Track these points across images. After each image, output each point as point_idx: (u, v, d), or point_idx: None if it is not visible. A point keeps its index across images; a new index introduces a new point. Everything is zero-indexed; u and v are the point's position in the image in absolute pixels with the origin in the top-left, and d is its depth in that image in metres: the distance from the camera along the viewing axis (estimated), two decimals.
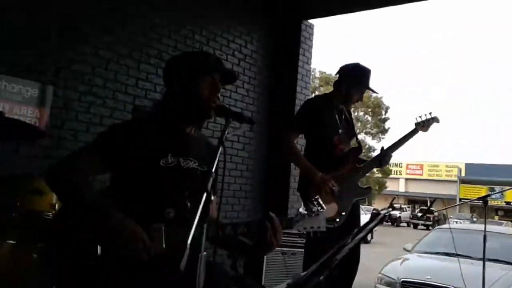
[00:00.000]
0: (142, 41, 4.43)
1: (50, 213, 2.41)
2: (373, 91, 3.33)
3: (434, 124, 3.42)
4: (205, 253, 1.20)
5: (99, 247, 1.51)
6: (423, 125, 3.34)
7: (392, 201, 3.13)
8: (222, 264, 1.81)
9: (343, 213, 2.98)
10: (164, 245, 1.53)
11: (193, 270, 1.18)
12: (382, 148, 3.26)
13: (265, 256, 4.56)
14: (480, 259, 4.17)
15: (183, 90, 1.73)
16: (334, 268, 1.42)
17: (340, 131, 3.17)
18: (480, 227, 4.23)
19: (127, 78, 4.30)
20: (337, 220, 2.94)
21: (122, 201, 1.59)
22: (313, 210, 1.78)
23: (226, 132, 1.48)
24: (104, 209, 1.52)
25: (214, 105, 1.70)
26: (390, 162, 3.32)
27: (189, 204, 1.63)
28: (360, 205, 3.38)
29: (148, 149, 1.65)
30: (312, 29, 6.30)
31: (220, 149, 1.41)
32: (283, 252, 4.67)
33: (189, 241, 1.11)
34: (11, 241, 2.54)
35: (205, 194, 1.22)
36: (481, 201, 4.04)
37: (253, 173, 5.79)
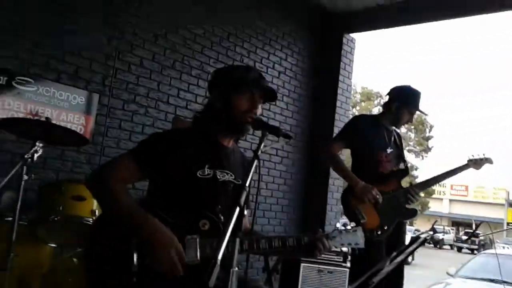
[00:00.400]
0: (185, 52, 4.51)
1: (91, 219, 2.46)
2: (423, 113, 3.36)
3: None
4: (236, 268, 1.17)
5: (135, 254, 1.51)
6: (475, 162, 3.37)
7: (434, 224, 3.07)
8: (257, 280, 1.79)
9: (385, 227, 2.96)
10: (198, 257, 1.52)
11: (225, 285, 1.15)
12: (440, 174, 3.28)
13: (300, 273, 4.47)
14: None
15: (222, 103, 1.74)
16: None
17: (389, 150, 3.21)
18: None
19: (169, 88, 4.38)
20: (379, 233, 2.93)
21: (159, 209, 1.59)
22: (350, 226, 1.73)
23: (262, 146, 1.45)
24: (141, 216, 1.52)
25: (251, 119, 1.69)
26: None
27: (222, 217, 1.62)
28: None
29: (186, 159, 1.66)
30: (354, 43, 6.24)
31: (255, 162, 1.38)
32: (319, 270, 4.56)
33: (219, 257, 1.09)
34: (53, 245, 2.62)
35: (237, 209, 1.20)
36: None
37: (290, 187, 5.74)
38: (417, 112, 3.34)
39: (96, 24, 3.82)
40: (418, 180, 3.52)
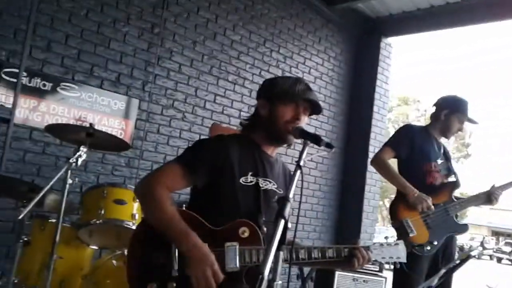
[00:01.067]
0: (222, 58, 4.56)
1: (131, 222, 2.51)
2: (473, 122, 3.24)
3: None
4: (280, 282, 1.16)
5: (176, 261, 1.53)
6: None
7: (483, 240, 2.94)
8: None
9: (435, 243, 2.87)
10: (237, 265, 1.52)
11: None
12: (493, 186, 3.14)
13: (335, 282, 4.42)
14: None
15: (267, 112, 1.76)
16: None
17: (439, 161, 3.13)
18: None
19: (206, 94, 4.44)
20: (428, 248, 2.83)
21: (200, 215, 1.61)
22: (393, 240, 1.69)
23: (304, 155, 1.44)
24: (181, 230, 1.54)
25: (292, 128, 1.68)
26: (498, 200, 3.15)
27: (265, 228, 1.63)
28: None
29: (231, 166, 1.68)
30: (391, 47, 6.14)
31: (298, 173, 1.37)
32: (354, 279, 4.49)
33: (266, 272, 1.09)
34: (94, 247, 2.69)
35: (282, 221, 1.19)
36: None
37: (325, 193, 5.68)
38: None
39: (137, 32, 3.92)
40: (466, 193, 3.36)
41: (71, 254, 2.59)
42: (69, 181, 2.28)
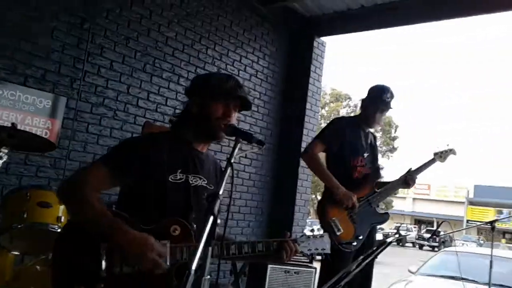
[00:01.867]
0: (156, 54, 4.48)
1: (56, 226, 2.42)
2: (390, 108, 3.30)
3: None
4: (208, 276, 1.19)
5: (104, 260, 1.51)
6: (440, 155, 3.39)
7: (399, 227, 3.13)
8: (226, 285, 1.83)
9: (360, 237, 2.99)
10: (168, 262, 1.54)
11: None
12: (409, 170, 3.29)
13: (267, 275, 4.52)
14: (485, 283, 4.12)
15: (198, 109, 1.76)
16: None
17: (365, 155, 3.22)
18: (487, 251, 4.16)
19: (139, 91, 4.34)
20: (354, 244, 2.95)
21: (130, 215, 1.60)
22: (318, 232, 1.78)
23: (235, 153, 1.48)
24: (114, 223, 1.52)
25: (224, 126, 1.71)
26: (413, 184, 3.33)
27: (194, 225, 1.64)
28: None
29: (158, 164, 1.67)
30: (324, 46, 6.34)
31: (229, 170, 1.41)
32: (286, 271, 4.63)
33: (193, 267, 1.11)
34: (16, 252, 2.57)
35: (211, 218, 1.22)
36: (488, 225, 3.98)
37: (259, 189, 5.79)
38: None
39: (66, 27, 3.75)
40: (384, 180, 3.52)
41: None
42: None
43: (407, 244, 31.47)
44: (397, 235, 3.12)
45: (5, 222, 2.42)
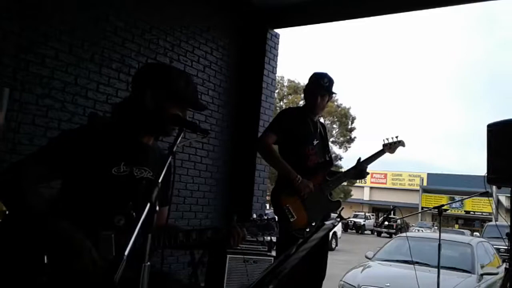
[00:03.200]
0: (104, 44, 4.36)
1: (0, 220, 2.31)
2: (330, 93, 3.32)
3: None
4: (148, 263, 1.18)
5: (45, 257, 1.46)
6: (390, 147, 3.49)
7: (340, 211, 3.19)
8: (177, 274, 1.82)
9: (313, 224, 3.03)
10: (113, 253, 1.51)
11: (137, 280, 1.16)
12: (359, 160, 3.35)
13: (226, 265, 4.54)
14: (437, 267, 4.29)
15: (153, 105, 1.71)
16: (283, 278, 1.42)
17: (314, 142, 3.26)
18: (438, 235, 4.35)
19: (88, 82, 4.21)
20: (307, 230, 2.99)
21: (72, 208, 1.55)
22: (265, 217, 1.81)
23: (178, 142, 1.46)
24: (51, 219, 1.47)
25: (170, 116, 1.69)
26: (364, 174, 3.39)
27: (134, 213, 1.61)
28: None
29: (100, 157, 1.62)
30: (278, 38, 6.37)
31: (170, 159, 1.39)
32: (245, 260, 4.65)
33: (126, 252, 1.09)
34: None
35: (148, 204, 1.20)
36: (436, 210, 4.15)
37: (217, 180, 5.78)
38: (342, 105, 3.42)
39: (5, 13, 3.58)
40: (343, 170, 3.59)
41: None
42: None
43: (366, 232, 32.38)
44: (338, 219, 3.20)
45: None
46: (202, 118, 5.52)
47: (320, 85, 3.26)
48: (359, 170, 3.33)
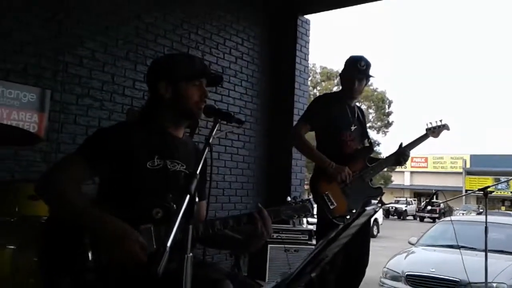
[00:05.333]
0: (138, 42, 4.44)
1: None
2: (368, 77, 3.25)
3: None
4: (191, 254, 1.19)
5: (90, 253, 1.51)
6: (433, 131, 3.41)
7: (381, 196, 3.12)
8: (218, 263, 1.83)
9: (354, 211, 2.98)
10: (154, 246, 1.54)
11: (179, 272, 1.18)
12: (400, 145, 3.27)
13: (268, 254, 4.56)
14: (483, 250, 4.15)
15: (171, 95, 1.74)
16: (326, 266, 1.41)
17: (352, 128, 3.19)
18: (483, 218, 4.20)
19: (124, 80, 4.31)
20: (347, 217, 2.96)
21: (111, 204, 1.59)
22: (300, 199, 1.79)
23: (214, 133, 1.47)
24: (94, 215, 1.52)
25: (203, 107, 1.70)
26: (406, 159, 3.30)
27: (174, 206, 1.63)
28: None
29: (134, 152, 1.65)
30: (309, 24, 6.29)
31: (207, 149, 1.40)
32: (286, 249, 4.66)
33: (168, 244, 1.10)
34: (12, 246, 2.57)
35: (188, 196, 1.21)
36: (481, 192, 4.01)
37: (254, 171, 5.80)
38: (378, 90, 3.33)
39: (43, 19, 3.70)
40: (382, 156, 3.53)
41: None
42: None
43: (408, 218, 31.75)
44: (379, 205, 3.13)
45: None
46: (236, 109, 5.54)
47: (357, 68, 3.17)
48: (401, 155, 3.25)
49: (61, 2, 3.82)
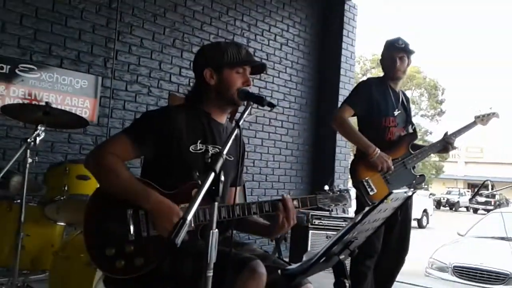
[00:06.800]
0: (184, 29, 4.54)
1: None
2: (409, 53, 3.16)
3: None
4: (216, 230, 1.24)
5: (131, 225, 1.61)
6: (482, 119, 3.29)
7: (413, 183, 3.03)
8: (251, 243, 1.88)
9: None
10: (192, 224, 1.61)
11: (205, 246, 1.23)
12: (446, 133, 3.19)
13: (309, 240, 4.59)
14: None
15: (216, 82, 1.80)
16: (355, 249, 1.42)
17: (396, 113, 3.12)
18: None
19: (171, 67, 4.44)
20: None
21: (154, 183, 1.68)
22: (338, 189, 1.79)
23: (246, 115, 1.51)
24: (141, 189, 1.62)
25: (237, 91, 1.74)
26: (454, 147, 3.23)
27: (199, 181, 1.68)
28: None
29: (179, 135, 1.73)
30: (356, 9, 6.16)
31: (236, 131, 1.44)
32: (327, 236, 4.66)
33: (188, 217, 1.14)
34: (62, 223, 2.75)
35: (212, 174, 1.25)
36: None
37: (297, 157, 5.81)
38: (429, 77, 3.22)
39: (94, 8, 3.87)
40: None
41: (39, 232, 2.65)
42: (29, 160, 2.32)
43: (460, 209, 30.60)
44: (412, 189, 3.03)
45: (48, 195, 2.60)
46: (280, 96, 5.56)
47: (396, 47, 3.11)
48: (446, 143, 3.15)
49: None
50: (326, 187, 1.83)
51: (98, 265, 1.68)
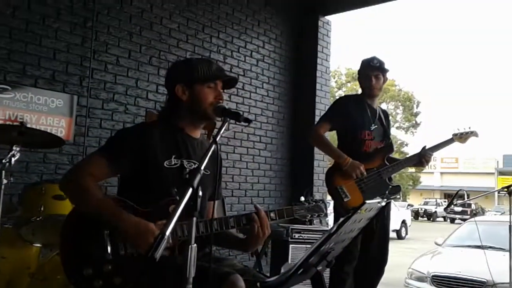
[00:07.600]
0: (160, 47, 4.56)
1: None
2: (383, 71, 3.28)
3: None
4: (195, 245, 1.25)
5: (108, 244, 1.60)
6: (460, 136, 3.39)
7: (386, 193, 3.13)
8: (231, 258, 1.89)
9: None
10: (170, 240, 1.61)
11: (185, 262, 1.24)
12: (423, 147, 3.30)
13: (290, 254, 4.60)
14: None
15: (188, 97, 1.83)
16: (332, 260, 1.45)
17: (372, 127, 3.25)
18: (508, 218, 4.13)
19: (147, 84, 4.44)
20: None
21: (130, 201, 1.68)
22: (313, 199, 1.83)
23: (222, 131, 1.53)
24: (113, 211, 1.62)
25: (213, 107, 1.77)
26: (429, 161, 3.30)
27: (177, 197, 1.69)
28: (393, 202, 3.40)
29: (153, 151, 1.75)
30: (330, 25, 6.30)
31: (213, 147, 1.46)
32: (307, 249, 4.68)
33: (167, 232, 1.15)
34: (38, 244, 2.70)
35: (190, 190, 1.26)
36: (505, 190, 3.94)
37: (276, 172, 5.85)
38: (404, 90, 3.36)
39: (69, 27, 3.86)
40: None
41: (15, 254, 2.60)
42: (4, 181, 2.29)
43: (438, 219, 31.06)
44: (385, 199, 3.12)
45: (24, 216, 2.56)
46: (258, 111, 5.61)
47: (371, 66, 3.27)
48: (423, 157, 3.26)
49: (89, 10, 3.97)
50: (302, 198, 1.86)
51: (76, 286, 1.67)
